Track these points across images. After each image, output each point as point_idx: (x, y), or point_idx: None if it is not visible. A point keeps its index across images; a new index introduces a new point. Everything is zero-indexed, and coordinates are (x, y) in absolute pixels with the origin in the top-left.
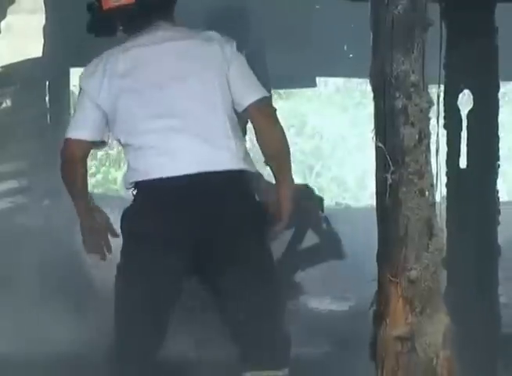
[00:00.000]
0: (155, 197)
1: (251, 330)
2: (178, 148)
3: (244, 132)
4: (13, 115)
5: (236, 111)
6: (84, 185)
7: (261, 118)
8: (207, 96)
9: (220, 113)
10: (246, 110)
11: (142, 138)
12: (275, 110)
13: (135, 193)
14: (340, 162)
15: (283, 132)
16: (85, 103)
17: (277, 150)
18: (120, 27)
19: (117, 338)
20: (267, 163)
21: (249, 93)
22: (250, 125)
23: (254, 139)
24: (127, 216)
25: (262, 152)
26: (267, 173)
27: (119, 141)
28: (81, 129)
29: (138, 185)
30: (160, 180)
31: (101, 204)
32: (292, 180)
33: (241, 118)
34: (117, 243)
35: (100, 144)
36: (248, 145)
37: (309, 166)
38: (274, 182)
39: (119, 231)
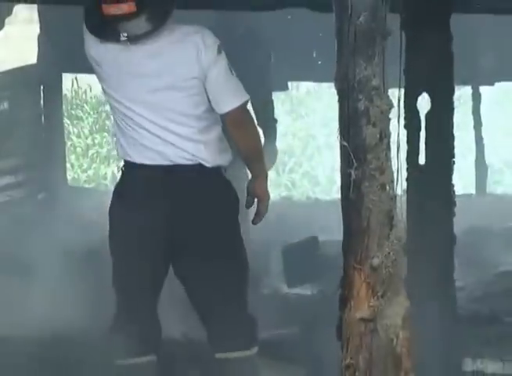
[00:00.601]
0: (133, 178)
1: (219, 314)
2: (147, 145)
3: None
4: (10, 116)
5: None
6: None
7: (233, 126)
8: (173, 105)
9: (185, 119)
10: (222, 115)
11: (122, 117)
12: (247, 116)
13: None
14: (311, 159)
15: (257, 135)
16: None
17: (251, 153)
18: (125, 35)
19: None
20: (244, 161)
21: (224, 102)
22: None
23: None
24: (117, 186)
25: (238, 152)
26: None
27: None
28: None
29: (125, 162)
30: (135, 164)
31: (92, 197)
32: (266, 176)
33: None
34: None
35: None
36: None
37: (283, 162)
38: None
39: None
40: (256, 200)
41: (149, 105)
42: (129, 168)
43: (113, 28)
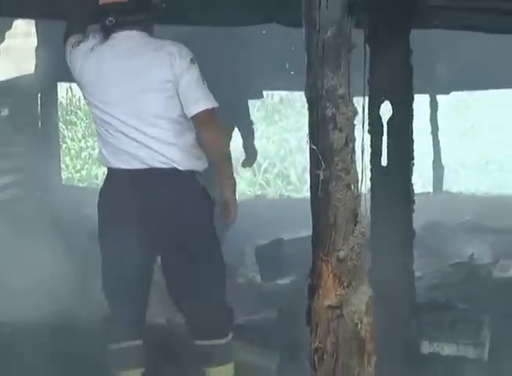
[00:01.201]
0: (113, 181)
1: (194, 305)
2: (124, 149)
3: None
4: (10, 121)
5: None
6: None
7: (200, 128)
8: (149, 108)
9: (160, 121)
10: (192, 119)
11: (100, 123)
12: (212, 118)
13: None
14: (284, 160)
15: (219, 139)
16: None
17: (214, 154)
18: (111, 19)
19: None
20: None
21: (192, 105)
22: None
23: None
24: (100, 191)
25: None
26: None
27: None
28: None
29: (107, 168)
30: (115, 170)
31: (84, 195)
32: (231, 177)
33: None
34: None
35: None
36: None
37: (258, 163)
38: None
39: None
40: (223, 206)
41: (125, 108)
42: (109, 173)
43: (102, 15)
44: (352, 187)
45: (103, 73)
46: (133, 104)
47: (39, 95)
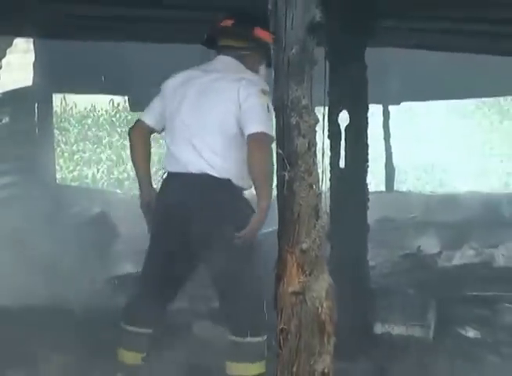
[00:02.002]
0: (167, 181)
1: (234, 304)
2: (179, 154)
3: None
4: (11, 128)
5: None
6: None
7: (252, 148)
8: (210, 124)
9: (214, 136)
10: (247, 137)
11: (169, 139)
12: (266, 144)
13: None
14: None
15: (266, 163)
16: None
17: (259, 173)
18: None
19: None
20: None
21: (247, 127)
22: None
23: None
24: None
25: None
26: None
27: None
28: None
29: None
30: (169, 172)
31: (77, 192)
32: (268, 198)
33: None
34: None
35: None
36: None
37: None
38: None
39: None
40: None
41: (193, 120)
42: (167, 177)
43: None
44: (314, 187)
45: (187, 84)
46: (202, 119)
47: (36, 104)
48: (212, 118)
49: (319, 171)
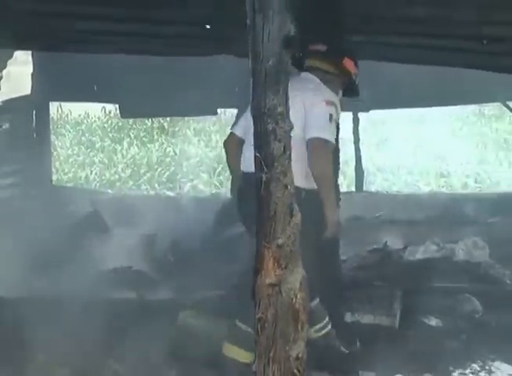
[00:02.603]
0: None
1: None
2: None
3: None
4: (11, 133)
5: None
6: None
7: (312, 152)
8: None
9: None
10: (307, 141)
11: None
12: (325, 150)
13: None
14: None
15: (325, 167)
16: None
17: (317, 176)
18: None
19: None
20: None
21: (308, 133)
22: None
23: None
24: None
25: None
26: None
27: None
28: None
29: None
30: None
31: (71, 192)
32: (333, 207)
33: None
34: None
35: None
36: None
37: (213, 168)
38: None
39: None
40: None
41: None
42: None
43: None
44: (289, 187)
45: None
46: None
47: (34, 111)
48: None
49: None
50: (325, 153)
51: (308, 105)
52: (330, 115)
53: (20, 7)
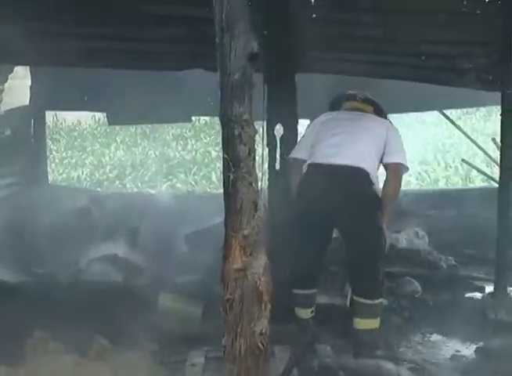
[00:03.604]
0: (317, 173)
1: (360, 269)
2: (333, 153)
3: None
4: (12, 138)
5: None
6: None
7: (388, 174)
8: (363, 142)
9: (367, 150)
10: (385, 164)
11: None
12: (401, 173)
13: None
14: (207, 166)
15: (396, 189)
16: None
17: (387, 196)
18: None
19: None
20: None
21: (389, 156)
22: None
23: None
24: (302, 181)
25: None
26: None
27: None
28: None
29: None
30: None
31: (65, 191)
32: (390, 216)
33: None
34: None
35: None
36: None
37: (189, 168)
38: None
39: None
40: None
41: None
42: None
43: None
44: (253, 185)
45: (336, 118)
46: (358, 137)
47: (32, 120)
48: (369, 137)
49: (259, 172)
50: (400, 176)
51: (389, 132)
52: (400, 138)
53: (19, 27)
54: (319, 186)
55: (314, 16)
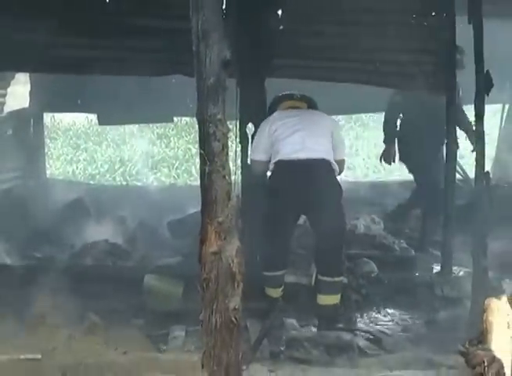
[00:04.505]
0: (286, 168)
1: (324, 250)
2: (298, 149)
3: None
4: (13, 137)
5: None
6: None
7: (339, 165)
8: (318, 135)
9: (324, 142)
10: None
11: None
12: (344, 161)
13: (273, 167)
14: (188, 161)
15: (342, 170)
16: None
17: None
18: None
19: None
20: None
21: (337, 153)
22: None
23: None
24: (272, 177)
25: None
26: None
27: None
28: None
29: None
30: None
31: (61, 184)
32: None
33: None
34: None
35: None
36: None
37: (171, 163)
38: None
39: None
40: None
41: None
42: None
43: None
44: (227, 177)
45: (289, 117)
46: (314, 131)
47: (32, 120)
48: (321, 130)
49: (232, 166)
50: (342, 164)
51: (334, 125)
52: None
53: (20, 38)
54: (289, 180)
55: (281, 27)
